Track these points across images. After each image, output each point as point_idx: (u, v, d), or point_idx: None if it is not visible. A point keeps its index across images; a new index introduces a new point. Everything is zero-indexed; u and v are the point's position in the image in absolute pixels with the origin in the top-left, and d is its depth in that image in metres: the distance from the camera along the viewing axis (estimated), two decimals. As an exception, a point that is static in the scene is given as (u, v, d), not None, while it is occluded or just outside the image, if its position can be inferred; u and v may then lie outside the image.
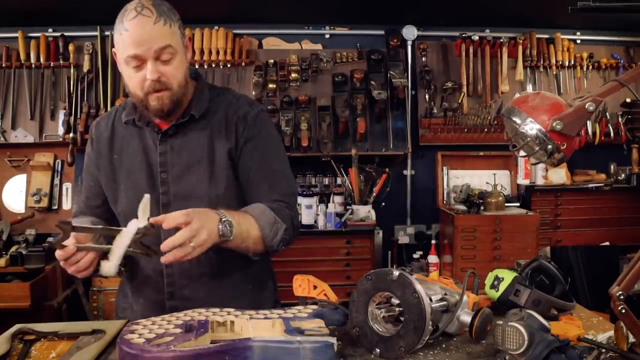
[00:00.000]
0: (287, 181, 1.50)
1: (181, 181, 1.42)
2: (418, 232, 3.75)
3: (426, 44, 3.70)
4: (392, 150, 3.58)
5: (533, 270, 1.39)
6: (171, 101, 1.36)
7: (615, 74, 3.78)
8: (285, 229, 1.40)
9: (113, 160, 1.47)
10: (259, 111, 1.48)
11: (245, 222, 1.32)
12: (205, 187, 1.41)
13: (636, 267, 1.03)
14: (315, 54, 3.58)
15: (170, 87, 1.34)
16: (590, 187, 3.59)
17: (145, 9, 1.29)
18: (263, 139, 1.46)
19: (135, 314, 1.47)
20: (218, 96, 1.49)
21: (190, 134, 1.43)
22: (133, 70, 1.32)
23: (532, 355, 0.99)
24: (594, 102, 1.11)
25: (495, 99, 3.70)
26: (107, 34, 3.50)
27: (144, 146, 1.45)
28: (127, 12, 1.30)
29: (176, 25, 1.34)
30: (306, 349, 1.00)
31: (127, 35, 1.29)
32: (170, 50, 1.31)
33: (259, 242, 1.37)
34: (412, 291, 1.07)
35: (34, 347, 1.21)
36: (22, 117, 3.52)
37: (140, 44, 1.28)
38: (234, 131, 1.43)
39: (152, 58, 1.30)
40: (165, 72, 1.32)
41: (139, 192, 1.30)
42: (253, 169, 1.44)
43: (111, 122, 1.51)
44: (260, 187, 1.44)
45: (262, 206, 1.39)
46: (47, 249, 3.07)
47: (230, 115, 1.45)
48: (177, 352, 0.95)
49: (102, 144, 1.49)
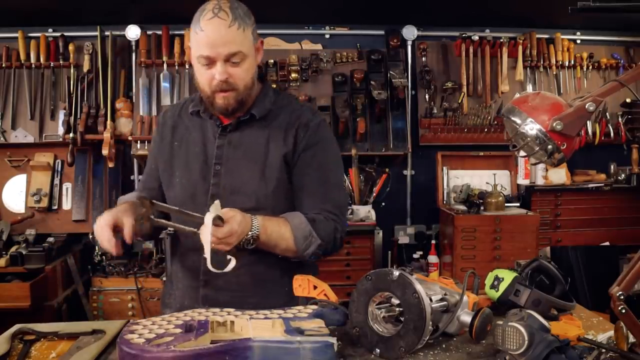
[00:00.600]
0: (339, 193, 1.54)
1: (233, 175, 1.47)
2: (418, 232, 3.75)
3: (426, 44, 3.70)
4: (392, 150, 3.58)
5: (533, 270, 1.39)
6: (236, 101, 1.42)
7: (615, 74, 3.77)
8: (319, 245, 1.44)
9: (173, 146, 1.54)
10: (321, 120, 1.54)
11: (277, 232, 1.40)
12: (255, 185, 1.45)
13: (636, 267, 1.03)
14: (315, 54, 3.57)
15: (237, 88, 1.40)
16: (590, 187, 3.59)
17: (222, 12, 1.34)
18: (322, 148, 1.50)
19: (175, 299, 1.55)
20: (282, 100, 1.55)
21: (248, 132, 1.49)
22: (203, 67, 1.38)
23: (532, 355, 0.99)
24: (594, 102, 1.11)
25: (495, 99, 3.70)
26: (107, 34, 3.50)
27: (204, 138, 1.51)
28: (204, 12, 1.36)
29: (250, 30, 1.39)
30: (306, 349, 1.00)
31: (202, 35, 1.35)
32: (240, 55, 1.36)
33: (289, 252, 1.44)
34: (412, 291, 1.07)
35: (34, 347, 1.21)
36: (22, 117, 3.52)
37: (212, 46, 1.34)
38: (294, 137, 1.48)
39: (222, 60, 1.36)
40: (233, 74, 1.38)
41: (193, 181, 1.46)
42: (308, 176, 1.48)
43: (178, 112, 1.58)
44: (312, 195, 1.48)
45: (302, 218, 1.44)
46: (47, 249, 3.07)
47: (292, 121, 1.49)
48: (177, 352, 0.95)
49: (167, 130, 1.57)
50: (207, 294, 1.46)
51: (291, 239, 1.41)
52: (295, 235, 1.41)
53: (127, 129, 3.45)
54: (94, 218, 3.45)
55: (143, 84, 3.49)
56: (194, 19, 1.37)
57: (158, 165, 1.57)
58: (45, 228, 3.40)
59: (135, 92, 3.52)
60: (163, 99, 3.51)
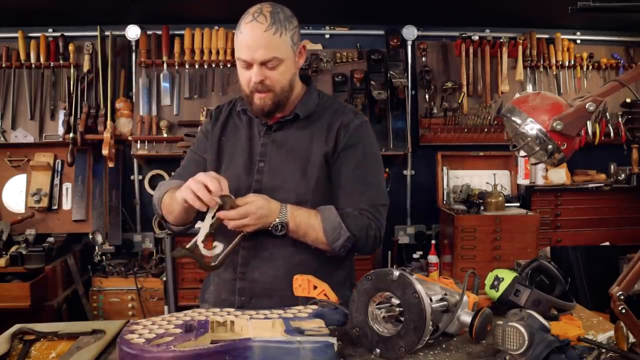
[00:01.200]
0: (377, 192, 1.56)
1: (275, 173, 1.51)
2: (418, 232, 3.75)
3: (426, 44, 3.70)
4: (392, 150, 3.58)
5: (533, 270, 1.39)
6: (273, 102, 1.46)
7: (615, 74, 3.77)
8: (348, 237, 1.46)
9: (221, 140, 1.60)
10: (362, 121, 1.56)
11: (306, 221, 1.45)
12: (296, 182, 1.50)
13: (636, 267, 1.03)
14: (315, 54, 3.58)
15: (273, 89, 1.44)
16: (590, 187, 3.59)
17: (261, 16, 1.38)
18: (362, 148, 1.53)
19: (211, 292, 1.60)
20: (326, 102, 1.59)
21: (292, 132, 1.54)
22: (243, 69, 1.44)
23: (532, 355, 0.99)
24: (594, 102, 1.11)
25: (495, 99, 3.70)
26: (107, 34, 3.50)
27: (250, 135, 1.57)
28: (247, 15, 1.41)
29: (289, 34, 1.42)
30: (306, 349, 1.00)
31: (241, 38, 1.41)
32: (276, 60, 1.40)
33: (320, 242, 1.47)
34: (413, 291, 1.07)
35: (34, 347, 1.21)
36: (22, 117, 3.52)
37: (248, 50, 1.39)
38: (335, 137, 1.51)
39: (257, 63, 1.40)
40: (269, 76, 1.42)
41: (237, 175, 1.52)
42: (347, 175, 1.52)
43: (229, 108, 1.64)
44: (351, 193, 1.51)
45: (333, 210, 1.48)
46: (47, 249, 3.08)
47: (334, 121, 1.53)
48: (177, 352, 0.95)
49: (218, 125, 1.62)
50: (244, 286, 1.51)
51: (320, 230, 1.45)
52: (324, 227, 1.45)
53: (127, 129, 3.46)
54: (94, 218, 3.46)
55: (143, 84, 3.49)
56: (239, 21, 1.42)
57: (203, 157, 1.62)
58: (45, 228, 3.40)
59: (135, 92, 3.52)
60: (163, 99, 3.52)
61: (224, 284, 1.55)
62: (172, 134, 3.44)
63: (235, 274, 1.52)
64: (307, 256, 1.51)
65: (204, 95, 3.54)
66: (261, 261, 1.51)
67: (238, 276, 1.52)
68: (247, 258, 1.51)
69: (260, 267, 1.50)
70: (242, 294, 1.51)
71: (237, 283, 1.52)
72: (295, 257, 1.50)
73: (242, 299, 1.51)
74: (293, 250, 1.50)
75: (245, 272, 1.51)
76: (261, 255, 1.50)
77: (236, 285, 1.52)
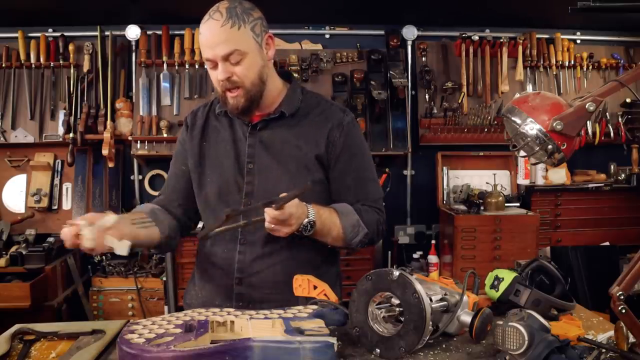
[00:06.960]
0: (376, 186, 1.59)
1: (266, 173, 1.49)
2: (418, 232, 3.75)
3: (426, 44, 3.70)
4: (392, 150, 3.57)
5: (533, 270, 1.39)
6: (246, 99, 1.43)
7: (615, 74, 3.77)
8: (366, 233, 1.49)
9: (202, 146, 1.56)
10: (351, 117, 1.56)
11: (329, 219, 1.43)
12: (287, 182, 1.47)
13: (636, 267, 1.03)
14: (315, 54, 3.57)
15: (242, 85, 1.41)
16: (590, 187, 3.59)
17: (217, 13, 1.37)
18: (358, 146, 1.54)
19: (201, 300, 1.55)
20: (310, 99, 1.56)
21: (278, 130, 1.50)
22: (211, 69, 1.42)
23: (532, 355, 0.99)
24: (594, 102, 1.11)
25: (495, 99, 3.70)
26: (107, 34, 3.50)
27: (234, 137, 1.53)
28: (205, 15, 1.39)
29: (248, 26, 1.39)
30: (306, 349, 1.00)
31: (202, 38, 1.39)
32: (238, 53, 1.37)
33: (339, 240, 1.47)
34: (412, 291, 1.07)
35: (33, 347, 1.21)
36: (22, 117, 3.52)
37: (209, 48, 1.37)
38: (327, 137, 1.49)
39: (220, 60, 1.37)
40: (235, 72, 1.39)
41: (225, 178, 1.49)
42: (349, 175, 1.52)
43: (206, 112, 1.60)
44: (355, 191, 1.52)
45: (350, 208, 1.49)
46: (47, 249, 3.07)
47: (324, 121, 1.51)
48: (177, 352, 0.95)
49: (196, 130, 1.58)
50: (242, 291, 1.49)
51: (340, 227, 1.45)
52: (344, 224, 1.45)
53: (127, 129, 3.45)
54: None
55: (143, 84, 3.49)
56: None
57: (185, 168, 1.59)
58: (45, 228, 3.40)
59: (135, 92, 3.52)
60: (163, 99, 3.52)
61: (219, 290, 1.52)
62: (172, 134, 3.44)
63: (231, 279, 1.49)
64: (302, 259, 1.49)
65: (204, 95, 3.54)
66: (259, 267, 1.48)
67: (235, 282, 1.49)
68: (244, 263, 1.49)
69: (259, 274, 1.48)
70: (241, 299, 1.48)
71: (234, 289, 1.49)
72: (293, 261, 1.48)
73: (239, 305, 1.47)
74: (290, 253, 1.48)
75: (242, 278, 1.49)
76: (258, 260, 1.48)
77: (234, 291, 1.49)
